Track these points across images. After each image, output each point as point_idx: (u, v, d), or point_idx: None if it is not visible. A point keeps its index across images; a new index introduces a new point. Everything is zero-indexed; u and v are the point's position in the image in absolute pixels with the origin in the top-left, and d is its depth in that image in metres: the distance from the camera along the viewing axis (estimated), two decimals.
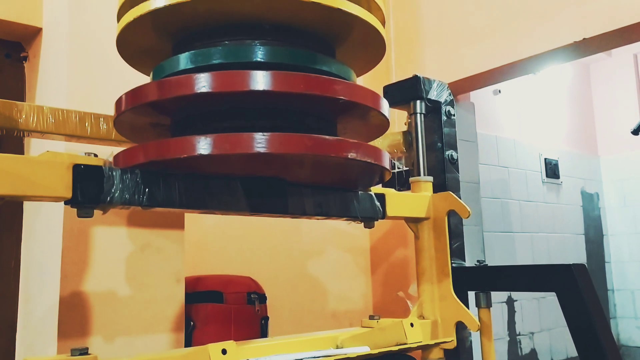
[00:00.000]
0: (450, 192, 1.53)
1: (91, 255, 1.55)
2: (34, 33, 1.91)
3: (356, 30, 1.16)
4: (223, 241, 2.20)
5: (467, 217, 1.49)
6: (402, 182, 2.28)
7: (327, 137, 1.06)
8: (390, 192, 1.43)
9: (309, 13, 1.06)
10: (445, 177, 1.78)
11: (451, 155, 1.81)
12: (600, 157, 4.08)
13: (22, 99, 1.95)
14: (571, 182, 3.71)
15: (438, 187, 1.67)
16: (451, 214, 1.53)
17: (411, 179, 1.65)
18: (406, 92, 1.77)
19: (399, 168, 2.35)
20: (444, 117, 1.80)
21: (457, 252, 1.81)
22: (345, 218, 1.34)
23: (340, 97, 1.04)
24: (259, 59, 1.05)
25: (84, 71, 1.64)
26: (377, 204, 1.38)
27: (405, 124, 1.81)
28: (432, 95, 1.77)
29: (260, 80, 0.97)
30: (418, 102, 1.74)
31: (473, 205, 2.62)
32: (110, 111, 1.33)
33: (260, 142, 0.96)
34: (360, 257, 2.63)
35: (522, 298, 3.10)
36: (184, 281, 1.70)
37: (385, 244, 2.63)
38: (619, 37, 1.99)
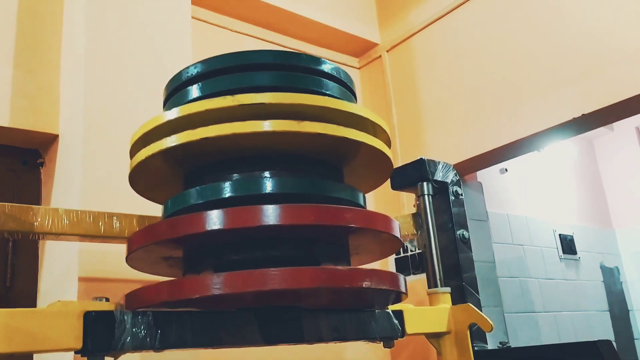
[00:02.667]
0: (470, 304, 1.47)
1: None
2: (51, 140, 1.98)
3: (362, 153, 1.18)
4: None
5: (490, 331, 1.41)
6: (415, 265, 2.26)
7: (340, 267, 1.06)
8: (408, 308, 1.38)
9: (315, 142, 1.10)
10: (458, 257, 1.76)
11: (462, 234, 1.81)
12: (615, 230, 4.03)
13: (38, 202, 1.99)
14: (589, 257, 3.64)
15: (451, 268, 1.65)
16: (468, 295, 1.50)
17: (428, 290, 1.60)
18: (412, 174, 1.79)
19: (411, 250, 2.34)
20: (451, 197, 1.82)
21: (479, 334, 1.76)
22: (363, 340, 1.29)
23: (350, 225, 1.05)
24: (268, 191, 1.07)
25: (97, 174, 1.69)
26: (395, 322, 1.33)
27: (414, 206, 1.82)
28: (438, 176, 1.80)
29: (271, 215, 0.98)
30: (425, 183, 1.76)
31: (490, 284, 2.57)
32: (124, 209, 1.36)
33: (273, 278, 0.96)
34: None
35: None
36: None
37: None
38: (618, 111, 2.04)
